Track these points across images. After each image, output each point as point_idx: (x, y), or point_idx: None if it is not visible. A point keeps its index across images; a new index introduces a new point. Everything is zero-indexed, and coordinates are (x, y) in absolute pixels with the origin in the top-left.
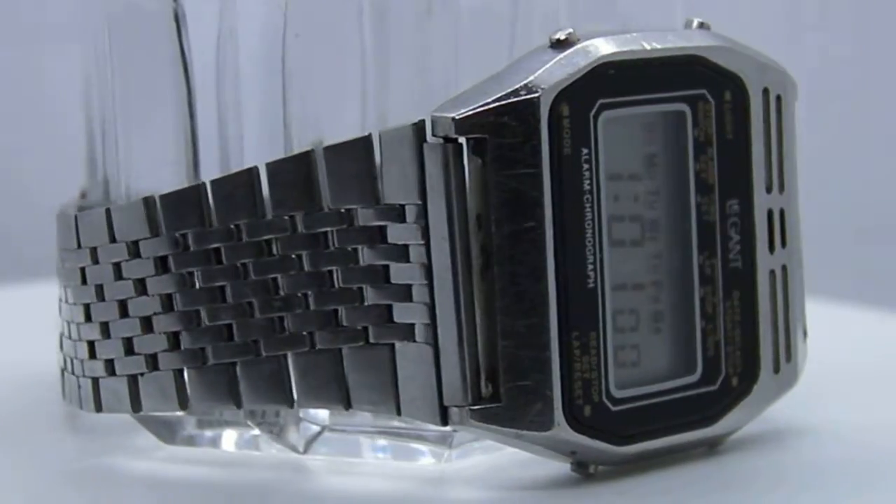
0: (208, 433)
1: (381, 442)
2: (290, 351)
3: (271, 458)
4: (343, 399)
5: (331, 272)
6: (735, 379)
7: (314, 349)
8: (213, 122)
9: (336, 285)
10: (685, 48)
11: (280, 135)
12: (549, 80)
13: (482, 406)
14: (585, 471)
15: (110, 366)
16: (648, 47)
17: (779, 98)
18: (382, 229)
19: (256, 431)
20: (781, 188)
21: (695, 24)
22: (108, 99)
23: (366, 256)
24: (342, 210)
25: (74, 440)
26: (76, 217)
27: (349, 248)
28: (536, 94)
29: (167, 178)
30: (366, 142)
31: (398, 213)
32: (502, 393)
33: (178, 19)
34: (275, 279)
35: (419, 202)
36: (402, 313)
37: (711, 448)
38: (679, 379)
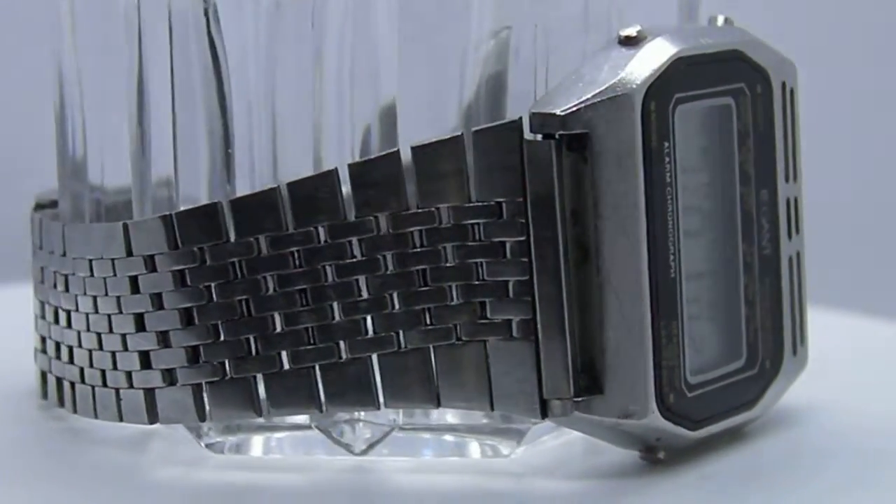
0: (232, 439)
1: (449, 439)
2: (376, 352)
3: (330, 461)
4: (433, 398)
5: (418, 272)
6: (768, 362)
7: (401, 349)
8: (245, 121)
9: (424, 285)
10: (730, 43)
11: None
12: (639, 76)
13: (585, 397)
14: (654, 456)
15: (169, 376)
16: (704, 43)
17: (792, 91)
18: (475, 227)
19: (282, 435)
20: (795, 177)
21: (720, 19)
22: (130, 98)
23: (456, 255)
24: (431, 209)
25: (114, 454)
26: (127, 225)
27: (438, 248)
28: (631, 90)
29: (196, 180)
30: (457, 141)
31: (492, 211)
32: (602, 383)
33: (207, 15)
34: (357, 281)
35: (518, 199)
36: (497, 310)
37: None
38: (729, 364)
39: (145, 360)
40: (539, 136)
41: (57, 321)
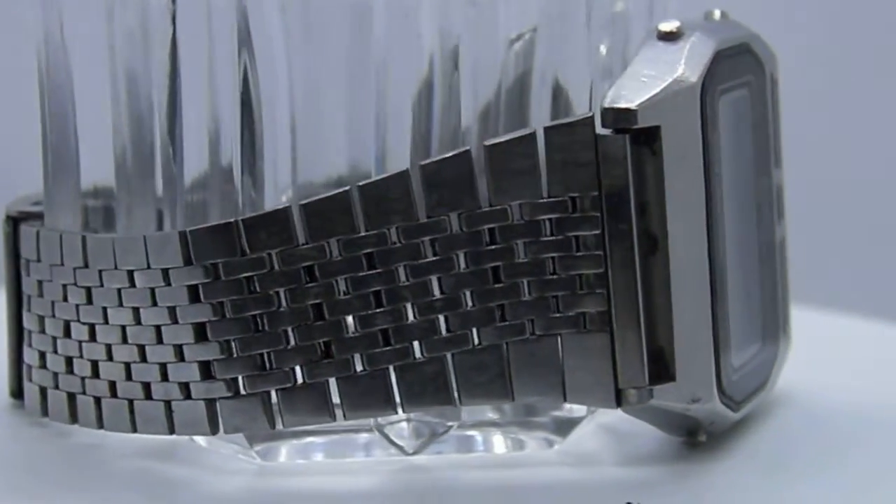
0: (258, 447)
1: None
2: (452, 351)
3: (378, 462)
4: (508, 393)
5: (492, 269)
6: (772, 343)
7: (476, 347)
8: (269, 126)
9: (497, 282)
10: (741, 37)
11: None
12: (696, 70)
13: (659, 385)
14: (695, 439)
15: (234, 385)
16: (728, 37)
17: (776, 81)
18: (549, 222)
19: (310, 439)
20: (780, 164)
21: (717, 14)
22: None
23: (530, 250)
24: (504, 206)
25: (156, 468)
26: (188, 233)
27: (512, 244)
28: (693, 83)
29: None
30: (531, 137)
31: (566, 206)
32: (673, 371)
33: (240, 13)
34: (430, 280)
35: (593, 193)
36: (571, 304)
37: None
38: (752, 346)
39: (206, 371)
40: (611, 131)
41: (68, 335)
